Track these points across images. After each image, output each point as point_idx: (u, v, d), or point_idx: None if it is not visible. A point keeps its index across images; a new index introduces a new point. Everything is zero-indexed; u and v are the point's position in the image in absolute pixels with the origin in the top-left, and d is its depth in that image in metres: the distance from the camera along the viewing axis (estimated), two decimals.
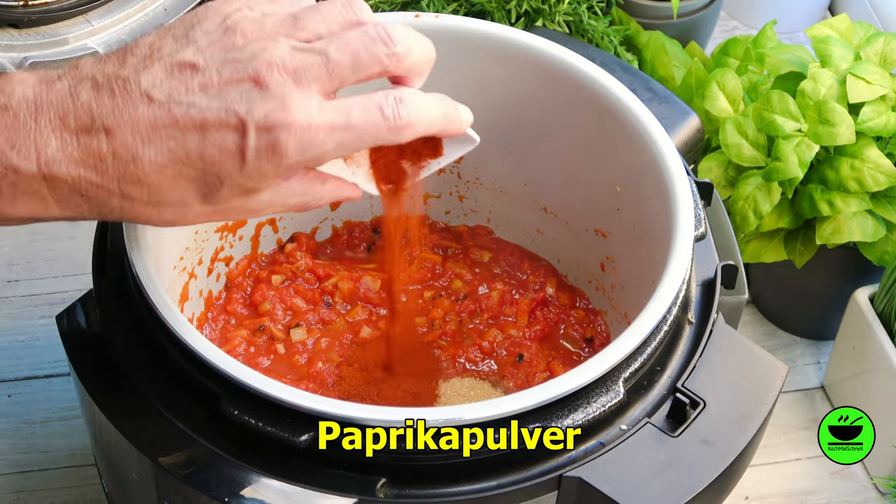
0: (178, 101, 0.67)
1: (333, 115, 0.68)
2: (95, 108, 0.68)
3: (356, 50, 0.68)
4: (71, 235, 1.24)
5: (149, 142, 0.67)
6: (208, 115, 0.67)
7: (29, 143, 0.67)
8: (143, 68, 0.68)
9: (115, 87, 0.68)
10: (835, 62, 1.11)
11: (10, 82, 0.69)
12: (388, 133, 0.69)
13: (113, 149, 0.68)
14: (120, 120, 0.67)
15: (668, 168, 0.88)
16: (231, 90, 0.67)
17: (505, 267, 1.03)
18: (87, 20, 1.02)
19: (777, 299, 1.23)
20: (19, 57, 0.99)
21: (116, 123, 0.67)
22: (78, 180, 0.68)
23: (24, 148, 0.67)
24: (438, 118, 0.71)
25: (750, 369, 0.83)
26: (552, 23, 1.22)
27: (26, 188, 0.68)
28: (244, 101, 0.67)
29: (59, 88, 0.69)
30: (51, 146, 0.68)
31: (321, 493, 0.74)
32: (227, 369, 0.75)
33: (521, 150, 1.00)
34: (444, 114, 0.72)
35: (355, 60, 0.68)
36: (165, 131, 0.67)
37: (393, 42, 0.69)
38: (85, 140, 0.68)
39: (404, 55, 0.69)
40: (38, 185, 0.68)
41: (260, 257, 1.02)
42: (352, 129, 0.68)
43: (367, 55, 0.69)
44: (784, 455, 1.14)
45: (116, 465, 0.83)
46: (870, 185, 1.07)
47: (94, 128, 0.68)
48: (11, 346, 1.17)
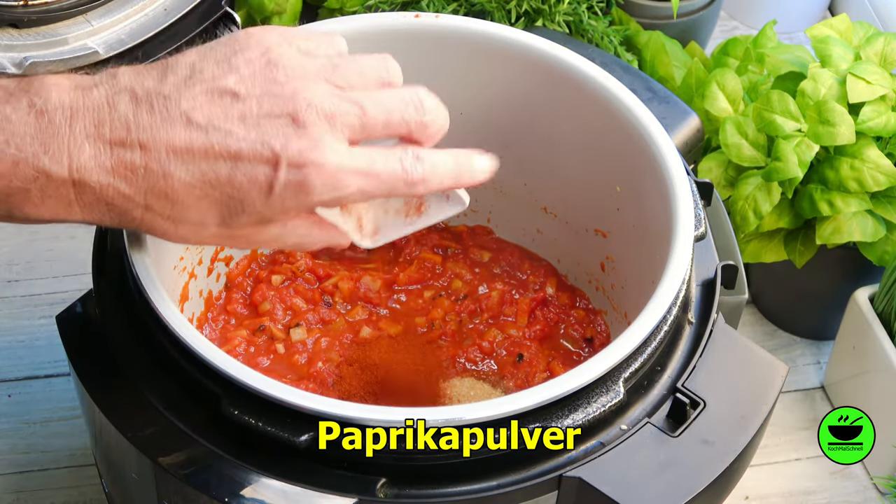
0: (216, 127, 0.69)
1: (360, 162, 0.70)
2: (133, 121, 0.69)
3: (390, 109, 0.72)
4: (71, 235, 1.24)
5: (182, 162, 0.69)
6: (244, 146, 0.69)
7: (63, 148, 0.68)
8: (184, 88, 0.70)
9: (154, 103, 0.69)
10: (835, 62, 1.11)
11: (45, 86, 0.70)
12: (405, 186, 0.72)
13: (146, 163, 0.69)
14: (157, 137, 0.69)
15: (668, 168, 0.88)
16: (269, 124, 0.69)
17: (505, 267, 1.03)
18: (87, 20, 1.02)
19: (777, 299, 1.23)
20: (19, 57, 0.99)
21: (153, 140, 0.69)
22: (106, 189, 0.69)
23: (57, 153, 0.68)
24: (450, 175, 0.74)
25: (750, 369, 0.83)
26: (552, 23, 1.22)
27: (55, 193, 0.69)
28: (280, 137, 0.69)
29: (97, 96, 0.70)
30: (84, 153, 0.69)
31: (321, 493, 0.74)
32: (227, 369, 0.75)
33: (522, 151, 1.00)
34: (457, 171, 0.75)
35: (388, 118, 0.72)
36: (200, 155, 0.69)
37: (424, 111, 0.73)
38: (119, 151, 0.69)
39: (430, 124, 0.73)
40: (66, 190, 0.69)
41: (260, 257, 1.02)
42: (374, 177, 0.71)
43: (398, 116, 0.72)
44: (784, 455, 1.14)
45: (116, 465, 0.82)
46: (870, 185, 1.07)
47: (129, 141, 0.69)
48: (11, 346, 1.17)
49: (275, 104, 0.70)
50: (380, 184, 0.71)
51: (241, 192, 0.70)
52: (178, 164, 0.69)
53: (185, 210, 0.71)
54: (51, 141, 0.69)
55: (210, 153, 0.69)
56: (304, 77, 0.71)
